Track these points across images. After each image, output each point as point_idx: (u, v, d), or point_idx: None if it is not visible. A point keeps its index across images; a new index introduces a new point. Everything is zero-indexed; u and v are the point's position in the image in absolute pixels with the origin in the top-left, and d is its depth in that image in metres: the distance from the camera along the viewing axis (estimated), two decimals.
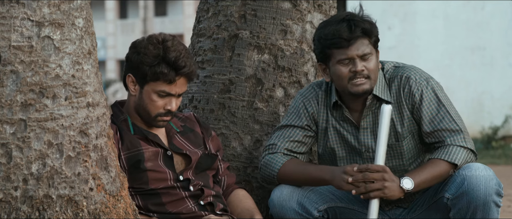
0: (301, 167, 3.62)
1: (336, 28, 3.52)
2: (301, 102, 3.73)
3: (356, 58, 3.52)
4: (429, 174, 3.49)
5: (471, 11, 14.32)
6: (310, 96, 3.73)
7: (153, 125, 3.53)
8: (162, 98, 3.48)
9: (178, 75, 3.44)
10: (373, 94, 3.60)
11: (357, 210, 3.69)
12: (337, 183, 3.48)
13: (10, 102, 2.96)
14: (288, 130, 3.71)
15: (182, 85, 3.48)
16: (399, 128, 3.61)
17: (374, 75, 3.57)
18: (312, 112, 3.71)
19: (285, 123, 3.73)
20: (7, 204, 2.97)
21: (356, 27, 3.51)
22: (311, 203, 3.63)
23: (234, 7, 4.07)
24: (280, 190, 3.64)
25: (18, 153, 2.98)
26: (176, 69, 3.43)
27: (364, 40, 3.53)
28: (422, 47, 14.58)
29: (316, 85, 3.76)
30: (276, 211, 3.63)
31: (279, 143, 3.69)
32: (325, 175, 3.53)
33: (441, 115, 3.58)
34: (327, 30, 3.55)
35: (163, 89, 3.45)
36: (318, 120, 3.71)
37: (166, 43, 3.45)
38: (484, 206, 3.44)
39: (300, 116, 3.71)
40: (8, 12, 2.96)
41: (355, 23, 3.52)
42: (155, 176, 3.46)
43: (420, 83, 3.61)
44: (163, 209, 3.45)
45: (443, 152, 3.52)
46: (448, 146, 3.53)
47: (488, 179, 3.44)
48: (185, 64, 3.44)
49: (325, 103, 3.71)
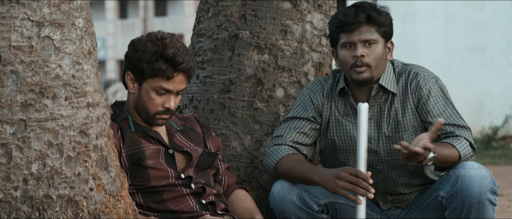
0: (296, 165, 3.62)
1: (344, 13, 3.62)
2: (307, 95, 3.77)
3: (358, 42, 3.58)
4: (446, 154, 3.50)
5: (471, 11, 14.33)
6: (316, 89, 3.77)
7: (152, 123, 3.54)
8: (161, 95, 3.49)
9: (176, 71, 3.45)
10: (379, 84, 3.62)
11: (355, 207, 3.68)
12: (330, 188, 3.48)
13: (10, 102, 2.96)
14: (294, 121, 3.74)
15: (180, 82, 3.49)
16: (401, 119, 3.64)
17: (376, 64, 3.60)
18: (317, 104, 3.75)
19: (292, 115, 3.76)
20: (7, 204, 2.97)
21: (362, 12, 3.58)
22: (312, 197, 3.64)
23: (234, 7, 4.07)
24: (281, 184, 3.65)
25: (18, 153, 2.97)
26: (174, 65, 3.44)
27: (370, 27, 3.59)
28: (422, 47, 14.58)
29: (322, 79, 3.81)
30: (277, 204, 3.64)
31: (285, 134, 3.72)
32: (316, 178, 3.52)
33: (449, 111, 3.63)
34: (336, 15, 3.66)
35: (161, 85, 3.46)
36: (322, 112, 3.74)
37: (164, 40, 3.47)
38: (479, 204, 3.44)
39: (306, 108, 3.75)
40: (8, 12, 2.96)
41: (363, 9, 3.59)
42: (156, 173, 3.46)
43: (428, 80, 3.66)
44: (164, 206, 3.46)
45: (454, 140, 3.56)
46: (459, 137, 3.58)
47: (482, 178, 3.45)
48: (183, 60, 3.45)
49: (329, 96, 3.74)
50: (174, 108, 3.52)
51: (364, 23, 3.58)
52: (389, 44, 3.67)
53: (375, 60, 3.59)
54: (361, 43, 3.58)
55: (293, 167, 3.62)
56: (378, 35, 3.60)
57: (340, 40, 3.62)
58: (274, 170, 3.67)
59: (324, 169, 3.56)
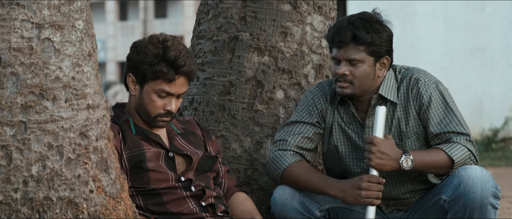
0: (306, 174, 3.61)
1: (336, 25, 3.61)
2: (311, 99, 3.75)
3: (342, 60, 3.58)
4: (430, 159, 3.52)
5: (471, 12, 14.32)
6: (319, 94, 3.76)
7: (153, 126, 3.54)
8: (162, 98, 3.49)
9: (177, 73, 3.45)
10: (379, 93, 3.61)
11: (359, 211, 3.69)
12: (352, 200, 3.51)
13: (10, 104, 2.96)
14: (298, 126, 3.72)
15: (182, 85, 3.49)
16: (404, 127, 3.63)
17: (360, 82, 3.58)
18: (321, 109, 3.73)
19: (295, 119, 3.74)
20: (7, 206, 2.97)
21: (349, 31, 3.54)
22: (313, 202, 3.64)
23: (234, 9, 4.07)
24: (283, 189, 3.64)
25: (18, 155, 2.97)
26: (176, 67, 3.44)
27: (357, 46, 3.56)
28: (422, 48, 14.58)
29: (326, 83, 3.79)
30: (278, 210, 3.64)
31: (289, 139, 3.70)
32: (331, 191, 3.55)
33: (449, 119, 3.60)
34: (331, 27, 3.65)
35: (162, 88, 3.46)
36: (326, 116, 3.73)
37: (166, 42, 3.47)
38: (481, 209, 3.44)
39: (310, 113, 3.73)
40: (8, 14, 2.96)
41: (352, 27, 3.55)
42: (156, 176, 3.46)
43: (429, 86, 3.63)
44: (164, 208, 3.46)
45: (446, 145, 3.55)
46: (452, 143, 3.56)
47: (484, 181, 3.44)
48: (185, 63, 3.45)
49: (332, 101, 3.73)
50: (175, 111, 3.52)
51: (349, 42, 3.55)
52: (384, 60, 3.61)
53: (359, 78, 3.58)
54: (345, 61, 3.57)
55: (302, 177, 3.61)
56: (365, 54, 3.56)
57: (331, 52, 3.64)
58: (280, 176, 3.66)
59: (340, 182, 3.57)
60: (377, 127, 3.50)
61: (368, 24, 3.56)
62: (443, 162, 3.52)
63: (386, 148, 3.47)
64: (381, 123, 3.49)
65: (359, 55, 3.56)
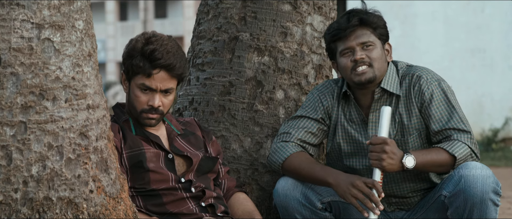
0: (306, 164, 3.62)
1: (336, 22, 3.65)
2: (317, 96, 3.77)
3: (356, 46, 3.60)
4: (431, 159, 3.51)
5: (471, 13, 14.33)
6: (326, 91, 3.77)
7: (140, 123, 3.53)
8: (145, 93, 3.48)
9: (154, 67, 3.44)
10: (381, 87, 3.62)
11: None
12: (341, 193, 3.49)
13: (10, 104, 2.96)
14: (303, 120, 3.74)
15: (163, 80, 3.46)
16: (406, 123, 3.63)
17: (378, 64, 3.60)
18: (327, 106, 3.75)
19: (300, 114, 3.76)
20: (7, 206, 2.97)
21: (354, 17, 3.60)
22: (315, 194, 3.65)
23: (234, 9, 4.07)
24: (285, 180, 3.66)
25: (18, 155, 2.97)
26: (151, 60, 3.43)
27: (364, 30, 3.61)
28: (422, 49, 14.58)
29: (333, 81, 3.81)
30: (280, 201, 3.64)
31: (293, 132, 3.71)
32: (329, 178, 3.54)
33: (450, 116, 3.61)
34: (330, 26, 3.68)
35: (143, 82, 3.46)
36: (332, 114, 3.74)
37: (150, 38, 3.47)
38: (481, 204, 3.44)
39: (315, 109, 3.75)
40: (8, 14, 2.95)
41: (355, 13, 3.62)
42: (156, 177, 3.46)
43: (431, 83, 3.64)
44: (164, 209, 3.46)
45: (447, 144, 3.55)
46: (453, 140, 3.56)
47: (485, 177, 3.44)
48: (162, 56, 3.43)
49: (338, 99, 3.74)
50: (162, 107, 3.49)
51: (358, 26, 3.60)
52: (387, 46, 3.68)
53: (376, 59, 3.60)
54: (359, 46, 3.59)
55: (303, 166, 3.62)
56: (374, 37, 3.62)
57: (338, 49, 3.64)
58: (281, 166, 3.67)
59: (339, 172, 3.57)
60: (383, 127, 3.49)
61: (366, 11, 3.65)
62: (445, 159, 3.52)
63: (396, 148, 3.47)
64: (386, 123, 3.49)
65: (370, 37, 3.61)
